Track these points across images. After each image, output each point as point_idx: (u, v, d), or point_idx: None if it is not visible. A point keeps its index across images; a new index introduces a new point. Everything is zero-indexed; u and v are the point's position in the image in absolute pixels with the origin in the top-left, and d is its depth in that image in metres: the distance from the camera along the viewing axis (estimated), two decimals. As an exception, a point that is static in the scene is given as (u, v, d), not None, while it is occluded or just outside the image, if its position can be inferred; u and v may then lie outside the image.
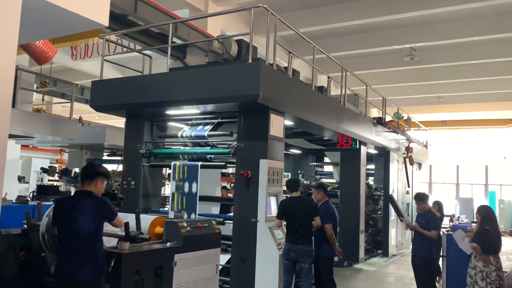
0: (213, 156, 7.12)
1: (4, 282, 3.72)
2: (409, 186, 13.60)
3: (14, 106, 8.18)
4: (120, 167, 9.20)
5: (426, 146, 16.61)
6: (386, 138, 11.53)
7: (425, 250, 6.42)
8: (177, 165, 7.02)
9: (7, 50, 3.05)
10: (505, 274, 5.58)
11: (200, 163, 6.88)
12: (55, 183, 12.36)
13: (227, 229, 6.51)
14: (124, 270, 3.64)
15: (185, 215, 6.81)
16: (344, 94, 9.00)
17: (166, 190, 11.35)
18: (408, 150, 12.77)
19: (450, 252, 6.51)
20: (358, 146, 10.43)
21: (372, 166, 12.62)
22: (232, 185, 12.45)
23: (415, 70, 15.60)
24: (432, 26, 12.37)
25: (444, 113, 20.84)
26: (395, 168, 12.59)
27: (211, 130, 6.95)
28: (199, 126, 7.14)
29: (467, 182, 24.09)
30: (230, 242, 6.52)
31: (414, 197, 6.84)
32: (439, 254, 7.33)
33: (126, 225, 3.93)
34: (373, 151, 11.93)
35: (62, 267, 3.61)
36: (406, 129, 13.94)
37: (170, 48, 7.00)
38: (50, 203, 4.79)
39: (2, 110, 2.94)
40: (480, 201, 20.38)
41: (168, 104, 6.83)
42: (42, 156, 16.93)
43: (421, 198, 6.64)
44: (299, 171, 13.21)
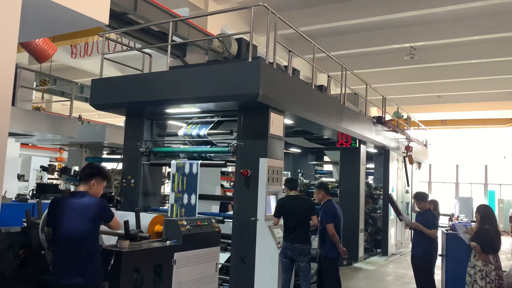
0: (213, 154, 7.12)
1: (3, 280, 3.71)
2: (408, 185, 13.61)
3: (14, 104, 8.17)
4: (119, 166, 9.20)
5: (425, 145, 16.62)
6: (386, 137, 11.54)
7: (424, 248, 6.43)
8: (176, 176, 7.00)
9: (7, 48, 3.04)
10: (504, 273, 5.58)
11: (199, 162, 6.88)
12: (55, 182, 12.38)
13: (227, 227, 6.52)
14: (123, 268, 3.63)
15: (185, 197, 6.80)
16: (344, 93, 9.00)
17: (166, 189, 11.36)
18: (407, 149, 12.78)
19: (449, 251, 6.52)
20: (357, 145, 10.43)
21: (371, 165, 12.63)
22: (231, 183, 12.46)
23: (415, 69, 15.60)
24: (432, 25, 12.37)
25: (443, 112, 20.86)
26: (395, 167, 12.59)
27: (211, 129, 6.95)
28: (199, 125, 7.14)
29: (467, 182, 24.09)
30: (230, 241, 6.52)
31: (414, 196, 6.83)
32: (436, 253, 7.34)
33: (126, 223, 3.93)
34: (372, 150, 11.94)
35: (56, 271, 3.51)
36: (406, 128, 13.95)
37: (170, 46, 7.00)
38: (50, 201, 4.78)
39: (2, 108, 2.94)
40: (479, 200, 20.38)
41: (168, 102, 6.83)
42: (42, 154, 16.92)
43: (421, 197, 6.65)
44: (299, 170, 13.22)
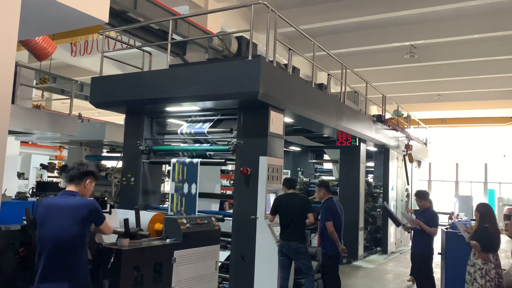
0: (212, 153, 7.12)
1: (3, 278, 3.71)
2: (408, 184, 13.62)
3: (13, 102, 8.17)
4: (119, 164, 9.20)
5: (425, 144, 16.62)
6: (386, 136, 11.53)
7: (424, 246, 6.44)
8: (176, 165, 7.00)
9: (7, 46, 3.04)
10: (504, 272, 5.59)
11: (199, 160, 6.88)
12: (55, 180, 12.37)
13: (227, 226, 6.53)
14: (123, 266, 3.64)
15: (185, 187, 6.82)
16: (344, 92, 9.00)
17: (166, 187, 11.36)
18: (407, 147, 12.78)
19: (449, 249, 6.52)
20: (357, 144, 10.44)
21: (371, 164, 12.62)
22: (231, 182, 12.46)
23: (415, 67, 15.59)
24: (432, 23, 12.36)
25: (443, 110, 20.86)
26: (395, 165, 12.60)
27: (211, 127, 6.95)
28: (199, 123, 7.14)
29: (467, 180, 24.10)
30: (230, 239, 6.53)
31: (415, 194, 6.85)
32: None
33: (126, 221, 3.93)
34: (372, 149, 11.94)
35: (40, 277, 3.27)
36: (406, 126, 13.94)
37: (170, 44, 6.99)
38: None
39: (1, 106, 2.93)
40: (479, 199, 20.39)
41: (168, 100, 6.82)
42: (42, 152, 16.93)
43: (422, 196, 6.65)
44: (299, 169, 13.22)
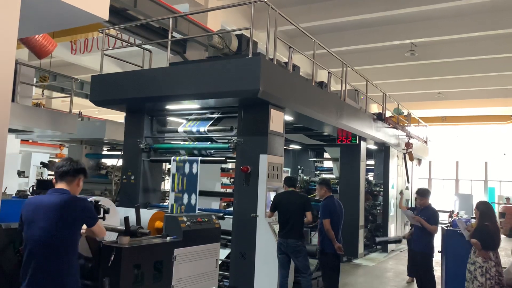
0: (213, 151, 7.12)
1: (4, 276, 3.71)
2: (408, 182, 13.62)
3: (13, 100, 8.16)
4: (120, 162, 9.20)
5: (426, 142, 16.61)
6: (386, 134, 11.53)
7: (425, 244, 6.44)
8: (175, 176, 6.99)
9: (7, 44, 3.03)
10: (504, 270, 5.59)
11: (200, 158, 6.88)
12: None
13: (227, 224, 6.53)
14: (123, 264, 3.64)
15: (185, 197, 6.82)
16: (344, 90, 8.98)
17: (166, 185, 11.36)
18: (408, 146, 12.77)
19: (449, 248, 6.52)
20: (358, 142, 10.43)
21: (371, 162, 12.63)
22: (232, 180, 12.46)
23: (416, 65, 15.58)
24: (432, 21, 12.35)
25: (444, 109, 20.85)
26: (395, 163, 12.59)
27: (211, 125, 6.95)
28: (199, 121, 7.13)
29: (467, 178, 24.11)
30: (230, 237, 6.54)
31: (416, 192, 6.86)
32: None
33: (126, 219, 3.93)
34: (373, 147, 11.94)
35: (28, 284, 2.99)
36: (406, 125, 13.94)
37: (170, 42, 6.98)
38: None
39: (2, 104, 2.93)
40: (479, 197, 20.40)
41: (168, 98, 6.82)
42: (42, 150, 16.91)
43: (423, 194, 6.65)
44: (299, 167, 13.22)
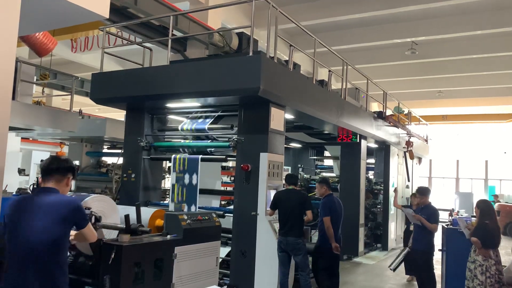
0: (213, 149, 7.12)
1: (4, 273, 3.72)
2: (409, 180, 13.62)
3: (14, 98, 8.16)
4: (120, 160, 9.20)
5: (426, 141, 16.61)
6: (387, 132, 11.53)
7: (425, 243, 6.44)
8: (177, 157, 7.03)
9: (7, 41, 3.03)
10: (504, 268, 5.60)
11: (200, 156, 6.88)
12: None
13: (227, 222, 6.53)
14: (124, 262, 3.64)
15: (185, 208, 6.82)
16: (345, 88, 8.98)
17: (166, 183, 11.36)
18: (408, 144, 12.77)
19: (449, 246, 6.53)
20: (358, 140, 10.43)
21: (372, 160, 12.63)
22: (232, 178, 12.46)
23: (416, 64, 15.57)
24: (433, 20, 12.33)
25: (444, 107, 20.84)
26: (395, 162, 12.60)
27: (212, 123, 6.95)
28: (200, 119, 7.14)
29: (467, 177, 24.11)
30: (230, 235, 6.54)
31: (416, 190, 6.86)
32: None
33: (127, 217, 3.93)
34: (373, 145, 11.94)
35: (15, 284, 2.81)
36: (407, 123, 13.94)
37: (170, 40, 6.97)
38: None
39: (2, 102, 2.93)
40: (479, 195, 20.40)
41: (168, 97, 6.82)
42: (42, 148, 16.90)
43: (423, 192, 6.65)
44: (299, 165, 13.22)
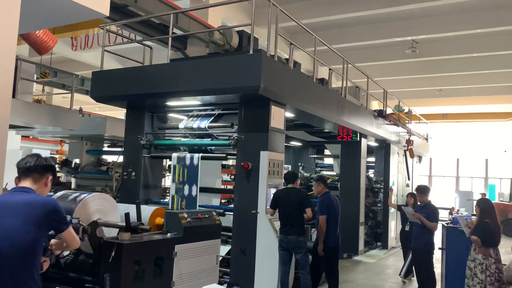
0: (213, 147, 7.12)
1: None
2: (409, 179, 13.63)
3: (14, 97, 8.15)
4: (120, 158, 9.20)
5: (426, 139, 16.61)
6: (387, 131, 11.53)
7: (425, 242, 6.45)
8: (176, 167, 7.00)
9: (7, 39, 3.03)
10: (504, 267, 5.60)
11: (200, 155, 6.88)
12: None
13: (228, 220, 6.53)
14: (124, 260, 3.64)
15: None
16: (345, 86, 8.98)
17: (167, 181, 11.37)
18: (408, 143, 12.77)
19: (449, 244, 6.53)
20: (358, 139, 10.43)
21: (372, 159, 12.63)
22: (232, 176, 12.48)
23: (417, 62, 15.56)
24: (433, 18, 12.31)
25: (445, 106, 20.83)
26: (396, 160, 12.60)
27: (212, 122, 6.94)
28: (200, 118, 7.13)
29: (467, 176, 24.12)
30: (231, 234, 6.54)
31: (416, 189, 6.86)
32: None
33: (127, 215, 3.93)
34: (373, 144, 11.94)
35: None
36: (407, 122, 13.94)
37: (170, 38, 6.97)
38: (51, 194, 4.78)
39: (2, 100, 2.93)
40: (479, 194, 20.40)
41: (168, 95, 6.82)
42: (43, 147, 16.90)
43: (422, 191, 6.65)
44: (300, 164, 13.22)
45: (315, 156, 13.65)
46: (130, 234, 3.87)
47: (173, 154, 7.13)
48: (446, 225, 6.83)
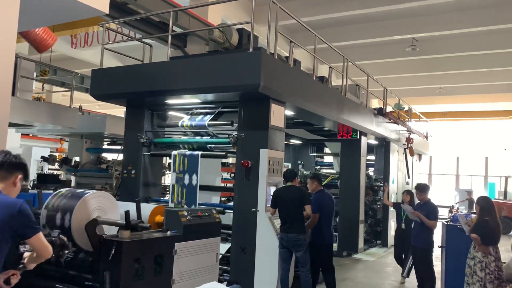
0: (213, 145, 7.12)
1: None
2: (409, 177, 13.63)
3: (14, 95, 8.15)
4: (120, 156, 9.20)
5: (426, 137, 16.61)
6: (387, 129, 11.52)
7: (424, 240, 6.46)
8: (177, 156, 7.01)
9: (7, 37, 3.02)
10: (503, 265, 5.60)
11: (200, 153, 6.88)
12: (55, 172, 12.39)
13: (227, 218, 6.53)
14: (124, 258, 3.64)
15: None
16: (345, 84, 8.97)
17: (166, 180, 11.37)
18: (408, 141, 12.78)
19: (449, 242, 6.54)
20: (358, 137, 10.43)
21: (372, 157, 12.62)
22: (232, 174, 12.47)
23: (417, 60, 15.55)
24: (434, 16, 12.30)
25: (444, 104, 20.84)
26: (395, 159, 12.59)
27: (212, 120, 6.94)
28: (200, 116, 7.12)
29: (467, 174, 24.12)
30: (230, 232, 6.54)
31: (415, 187, 6.85)
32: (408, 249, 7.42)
33: (127, 213, 3.93)
34: (373, 142, 11.93)
35: None
36: (407, 120, 13.93)
37: (170, 36, 6.96)
38: (51, 192, 4.78)
39: (2, 98, 2.93)
40: (479, 192, 20.41)
41: (168, 93, 6.81)
42: (42, 145, 16.92)
43: (422, 189, 6.65)
44: (299, 162, 13.22)
45: (315, 154, 13.65)
46: (130, 232, 3.87)
47: (173, 152, 7.12)
48: (446, 223, 6.84)
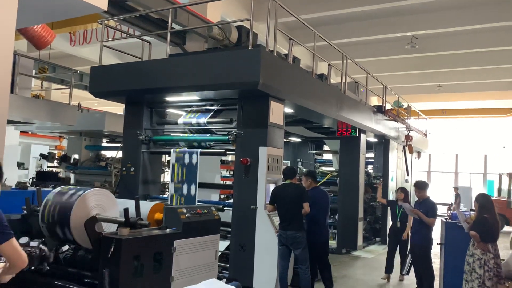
0: (212, 143, 7.12)
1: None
2: (408, 175, 13.64)
3: (12, 92, 8.14)
4: (119, 154, 9.20)
5: (425, 135, 16.62)
6: (386, 127, 11.52)
7: (423, 237, 6.46)
8: (175, 166, 7.00)
9: (5, 34, 3.01)
10: (502, 262, 5.61)
11: (199, 151, 6.88)
12: (54, 170, 12.39)
13: (227, 216, 6.54)
14: (123, 255, 3.64)
15: None
16: (344, 82, 8.97)
17: (166, 177, 11.37)
18: (407, 138, 12.78)
19: (448, 240, 6.55)
20: (357, 134, 10.42)
21: (371, 155, 12.63)
22: (231, 172, 12.47)
23: (416, 58, 15.55)
24: (433, 14, 12.29)
25: (444, 101, 20.84)
26: (395, 156, 12.60)
27: (211, 117, 6.93)
28: (199, 113, 7.12)
29: (466, 171, 24.14)
30: (230, 229, 6.55)
31: (414, 184, 6.85)
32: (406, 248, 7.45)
33: (126, 211, 3.93)
34: (372, 139, 11.94)
35: None
36: (406, 117, 13.93)
37: (169, 34, 6.95)
38: (50, 189, 4.78)
39: (0, 95, 2.92)
40: (478, 190, 20.43)
41: (167, 90, 6.80)
42: (41, 142, 16.93)
43: (421, 186, 6.65)
44: (299, 159, 13.22)
45: (314, 151, 13.65)
46: (129, 229, 3.87)
47: (172, 150, 7.12)
48: (445, 220, 6.84)
